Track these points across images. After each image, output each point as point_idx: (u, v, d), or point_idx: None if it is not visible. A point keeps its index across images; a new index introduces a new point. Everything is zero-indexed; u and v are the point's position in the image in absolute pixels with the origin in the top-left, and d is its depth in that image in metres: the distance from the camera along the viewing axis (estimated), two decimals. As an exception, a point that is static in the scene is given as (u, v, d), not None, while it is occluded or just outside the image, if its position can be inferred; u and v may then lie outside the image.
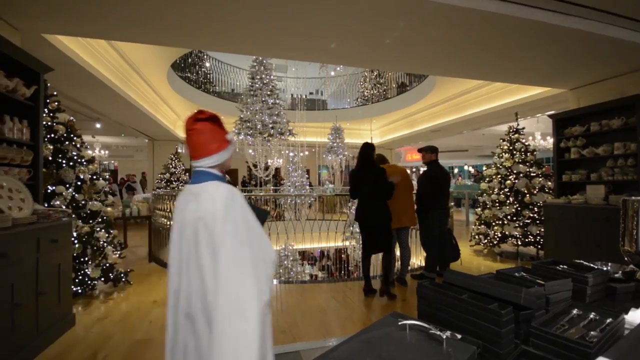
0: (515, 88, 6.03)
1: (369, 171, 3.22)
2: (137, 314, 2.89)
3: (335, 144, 9.53)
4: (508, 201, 5.08)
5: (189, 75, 8.99)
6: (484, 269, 4.48)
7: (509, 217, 5.03)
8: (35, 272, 2.19)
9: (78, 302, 3.11)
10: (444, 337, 0.67)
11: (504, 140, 5.44)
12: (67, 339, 2.42)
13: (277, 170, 10.79)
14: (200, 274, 1.05)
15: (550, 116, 4.67)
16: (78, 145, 3.44)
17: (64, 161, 3.23)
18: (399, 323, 0.72)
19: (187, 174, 10.45)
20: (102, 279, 3.41)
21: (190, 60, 9.06)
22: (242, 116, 7.07)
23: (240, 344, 0.93)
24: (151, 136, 10.45)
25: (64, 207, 3.08)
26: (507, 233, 5.00)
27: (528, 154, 5.15)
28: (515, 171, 5.11)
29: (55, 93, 3.39)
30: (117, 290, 3.49)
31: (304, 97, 10.61)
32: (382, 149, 12.82)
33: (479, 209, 5.58)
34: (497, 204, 5.22)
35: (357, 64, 5.15)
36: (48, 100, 3.19)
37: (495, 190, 5.29)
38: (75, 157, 3.34)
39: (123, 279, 3.58)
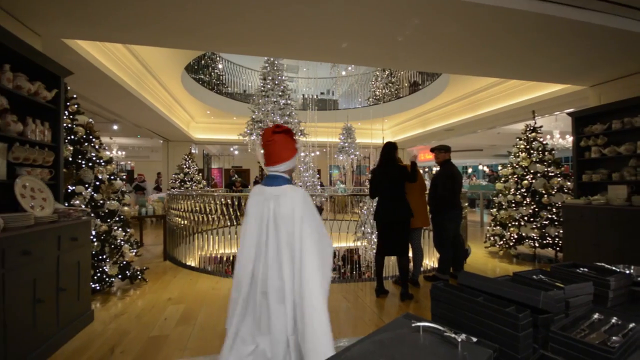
0: (532, 85, 5.87)
1: (391, 170, 3.23)
2: (152, 310, 2.95)
3: (346, 144, 9.50)
4: (525, 202, 4.96)
5: (202, 77, 9.13)
6: (499, 271, 4.37)
7: (525, 218, 4.90)
8: (56, 269, 2.27)
9: (96, 298, 3.21)
10: (459, 340, 0.65)
11: (520, 139, 5.30)
12: (86, 334, 2.50)
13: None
14: (278, 263, 1.35)
15: (569, 114, 4.52)
16: (97, 147, 3.55)
17: (83, 162, 3.34)
18: (413, 325, 0.71)
19: (200, 174, 10.63)
20: (119, 276, 3.51)
21: (203, 62, 9.20)
22: (253, 117, 7.13)
23: (317, 320, 1.25)
24: (166, 137, 10.67)
25: (83, 206, 3.18)
26: (523, 234, 4.87)
27: (546, 153, 5.01)
28: (532, 171, 4.98)
29: (75, 96, 3.50)
30: (133, 288, 3.58)
31: (315, 97, 10.62)
32: (393, 148, 12.69)
33: (494, 209, 5.46)
34: (514, 205, 5.09)
35: (369, 64, 5.11)
36: (68, 103, 3.30)
37: (512, 190, 5.16)
38: (94, 158, 3.44)
39: (139, 277, 3.67)
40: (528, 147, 5.15)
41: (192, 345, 2.32)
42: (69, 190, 3.18)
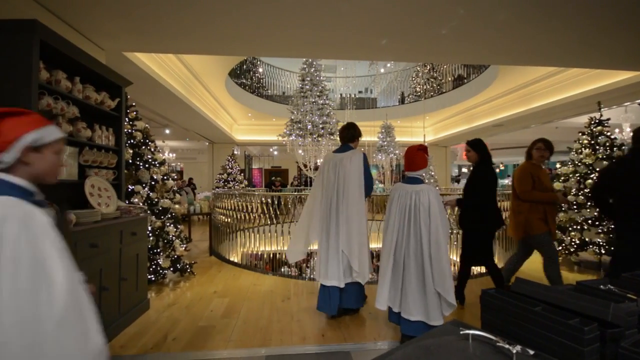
0: (597, 74, 5.26)
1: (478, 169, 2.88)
2: (200, 302, 3.15)
3: (385, 143, 9.30)
4: (589, 203, 4.46)
5: (244, 81, 9.53)
6: (557, 279, 3.98)
7: (589, 221, 4.41)
8: (119, 261, 2.51)
9: (151, 288, 3.49)
10: (514, 351, 0.60)
11: (583, 134, 4.78)
12: (143, 321, 2.73)
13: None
14: (417, 236, 2.18)
15: (643, 104, 3.98)
16: (152, 149, 3.87)
17: (141, 163, 3.66)
18: (461, 332, 0.67)
19: (242, 174, 11.12)
20: (171, 269, 3.79)
21: (245, 67, 9.59)
22: (292, 117, 7.27)
23: (445, 265, 2.14)
24: (211, 139, 11.30)
25: (141, 204, 3.49)
26: (587, 240, 4.38)
27: (614, 148, 4.46)
28: (597, 169, 4.46)
29: (133, 104, 3.85)
30: (183, 280, 3.85)
31: (353, 96, 10.55)
32: (435, 147, 12.18)
33: (552, 211, 4.98)
34: (575, 207, 4.61)
35: (409, 59, 4.97)
36: (128, 110, 3.63)
37: (573, 190, 4.67)
38: (150, 160, 3.76)
39: (188, 270, 3.93)
40: (593, 142, 4.62)
41: (235, 338, 2.43)
42: (129, 190, 3.50)
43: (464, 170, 20.18)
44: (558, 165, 5.21)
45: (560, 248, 4.67)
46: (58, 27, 2.56)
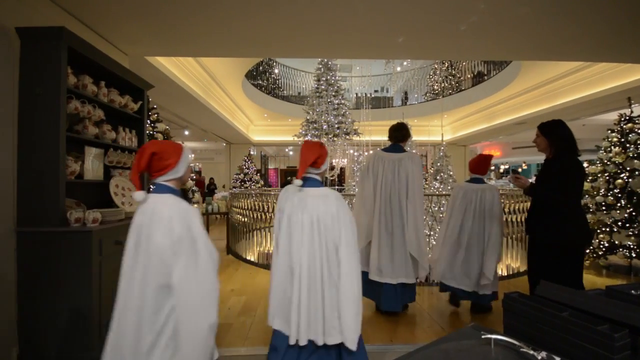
0: (627, 68, 4.99)
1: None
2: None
3: (401, 142, 9.16)
4: (619, 204, 4.24)
5: (260, 82, 9.65)
6: (585, 284, 3.80)
7: (619, 223, 4.19)
8: (141, 258, 2.59)
9: (172, 285, 3.59)
10: (539, 358, 0.58)
11: (612, 131, 4.55)
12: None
13: (342, 170, 10.87)
14: (481, 227, 2.82)
15: (680, 99, 3.74)
16: (171, 150, 3.99)
17: (161, 164, 3.77)
18: (483, 337, 0.65)
19: (258, 174, 11.26)
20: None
21: (261, 68, 9.71)
22: (308, 117, 7.31)
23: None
24: (228, 140, 11.51)
25: (161, 203, 3.59)
26: (616, 242, 4.17)
27: (647, 146, 4.22)
28: (628, 168, 4.23)
29: (155, 106, 3.98)
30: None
31: (369, 95, 10.47)
32: (453, 146, 11.91)
33: (578, 212, 4.76)
34: (604, 208, 4.39)
35: (426, 57, 4.88)
36: (149, 113, 3.76)
37: (602, 191, 4.46)
38: (169, 160, 3.87)
39: (206, 268, 4.02)
40: (623, 140, 4.39)
41: (252, 335, 2.46)
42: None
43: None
44: (586, 165, 4.98)
45: (588, 251, 4.47)
46: (84, 34, 2.67)
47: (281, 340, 1.62)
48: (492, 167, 16.09)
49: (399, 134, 2.85)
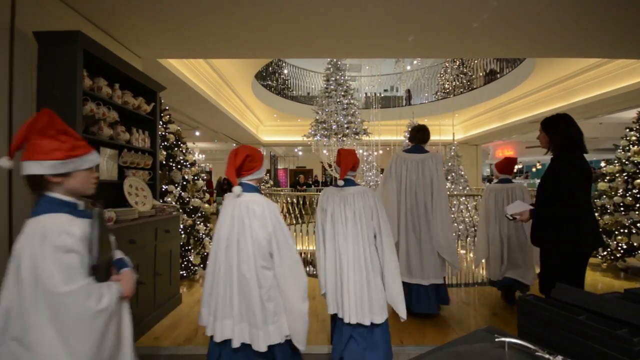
0: (648, 63, 4.82)
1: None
2: (228, 299, 3.24)
3: (412, 142, 9.08)
4: (637, 205, 4.10)
5: (269, 83, 9.70)
6: (602, 287, 3.70)
7: (638, 224, 4.05)
8: (154, 257, 2.64)
9: (183, 284, 3.65)
10: (555, 362, 0.56)
11: (631, 130, 4.40)
12: (176, 315, 2.86)
13: (352, 169, 10.80)
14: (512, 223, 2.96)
15: None
16: (184, 151, 4.04)
17: (173, 164, 3.83)
18: (497, 339, 0.63)
19: (268, 174, 11.33)
20: (201, 265, 3.93)
21: (270, 69, 9.77)
22: (317, 118, 7.30)
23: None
24: (238, 140, 11.61)
25: (173, 203, 3.65)
26: (635, 244, 4.03)
27: (669, 145, 4.07)
28: (648, 167, 4.09)
29: (167, 107, 4.04)
30: (212, 277, 3.99)
31: (379, 94, 10.41)
32: (465, 145, 11.72)
33: (596, 213, 4.63)
34: (622, 208, 4.25)
35: (437, 55, 4.83)
36: (162, 114, 3.82)
37: (620, 191, 4.32)
38: (181, 161, 3.92)
39: (217, 267, 4.07)
40: (642, 138, 4.24)
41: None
42: (163, 189, 3.67)
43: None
44: (603, 164, 4.83)
45: (605, 253, 4.33)
46: (99, 37, 2.74)
47: (339, 322, 1.92)
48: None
49: (421, 135, 2.90)
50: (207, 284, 1.63)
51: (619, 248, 4.16)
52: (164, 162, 3.76)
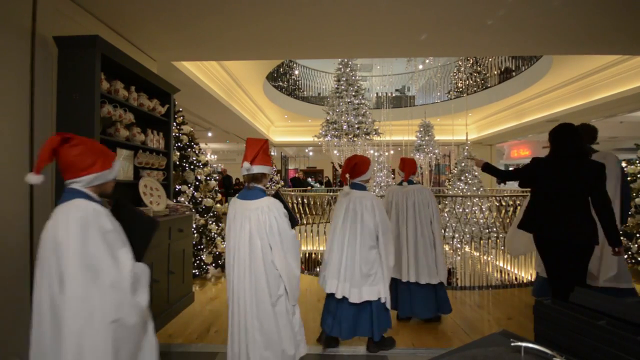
0: (673, 59, 4.61)
1: (573, 164, 2.06)
2: (240, 298, 3.27)
3: (423, 142, 8.98)
4: (662, 207, 3.93)
5: (280, 84, 9.76)
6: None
7: (663, 227, 3.88)
8: (167, 255, 2.70)
9: (195, 282, 3.70)
10: (573, 368, 0.55)
11: (654, 128, 4.22)
12: (189, 313, 2.91)
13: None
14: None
15: None
16: (196, 152, 4.11)
17: (186, 165, 3.90)
18: (512, 344, 0.62)
19: (278, 174, 11.39)
20: (213, 264, 3.99)
21: (281, 70, 9.82)
22: (328, 118, 7.30)
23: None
24: (250, 141, 11.72)
25: (186, 202, 3.71)
26: (660, 248, 3.86)
27: (696, 144, 3.88)
28: (673, 168, 3.91)
29: (180, 109, 4.12)
30: (223, 275, 4.03)
31: (390, 94, 10.33)
32: (479, 145, 11.50)
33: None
34: (644, 210, 4.08)
35: (451, 54, 4.74)
36: (175, 116, 3.90)
37: (641, 192, 4.15)
38: (194, 162, 3.99)
39: (229, 267, 4.12)
40: (667, 137, 4.07)
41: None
42: (176, 189, 3.74)
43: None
44: (624, 164, 4.65)
45: (625, 257, 4.17)
46: (116, 41, 2.81)
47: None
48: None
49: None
50: (334, 256, 2.20)
51: (642, 252, 4.00)
52: (178, 163, 3.83)
